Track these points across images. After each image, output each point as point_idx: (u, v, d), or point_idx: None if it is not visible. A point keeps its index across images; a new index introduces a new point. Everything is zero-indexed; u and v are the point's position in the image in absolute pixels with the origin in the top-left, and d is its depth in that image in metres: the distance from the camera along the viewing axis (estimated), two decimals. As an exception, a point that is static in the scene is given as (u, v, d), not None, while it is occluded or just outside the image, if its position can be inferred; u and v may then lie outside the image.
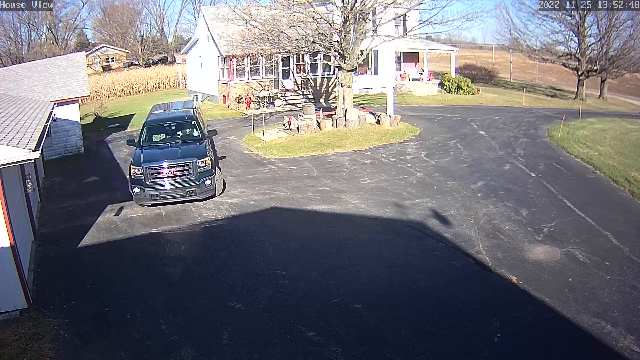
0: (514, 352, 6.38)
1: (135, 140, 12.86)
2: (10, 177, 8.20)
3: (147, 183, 11.34)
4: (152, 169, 11.42)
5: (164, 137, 13.06)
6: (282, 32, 18.70)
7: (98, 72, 46.87)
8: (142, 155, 11.94)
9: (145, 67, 48.95)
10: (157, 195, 11.33)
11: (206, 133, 13.44)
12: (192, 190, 11.46)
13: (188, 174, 11.50)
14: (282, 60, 26.32)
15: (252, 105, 25.38)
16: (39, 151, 7.25)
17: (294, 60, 26.66)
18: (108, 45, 54.07)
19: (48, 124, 10.12)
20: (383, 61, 29.83)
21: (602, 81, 35.40)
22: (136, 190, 11.36)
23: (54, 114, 12.37)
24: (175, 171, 11.50)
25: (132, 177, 11.51)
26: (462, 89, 30.94)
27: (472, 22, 41.57)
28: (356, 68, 20.84)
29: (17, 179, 9.47)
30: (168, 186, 11.43)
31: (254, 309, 7.37)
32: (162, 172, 11.45)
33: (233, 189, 12.79)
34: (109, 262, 9.00)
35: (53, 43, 51.15)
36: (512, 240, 9.52)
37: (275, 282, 8.15)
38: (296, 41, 19.11)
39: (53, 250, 9.52)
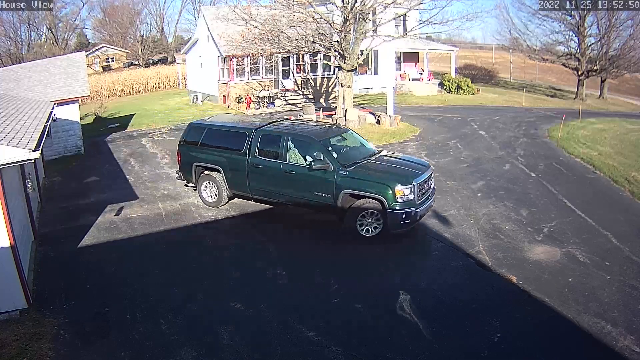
0: (514, 352, 6.38)
1: (316, 164, 9.62)
2: (10, 177, 8.20)
3: (418, 204, 9.29)
4: (420, 185, 9.34)
5: (342, 152, 10.36)
6: (282, 32, 18.71)
7: (98, 72, 46.89)
8: (366, 173, 9.54)
9: (145, 67, 48.98)
10: (421, 216, 9.56)
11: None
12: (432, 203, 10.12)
13: (432, 185, 10.24)
14: (282, 60, 26.33)
15: (252, 105, 25.39)
16: (39, 151, 7.23)
17: (294, 60, 26.67)
18: (108, 45, 54.08)
19: (48, 124, 10.10)
20: (383, 61, 29.85)
21: (602, 81, 35.42)
22: (407, 219, 9.07)
23: (54, 114, 12.35)
24: (429, 184, 9.96)
25: (402, 201, 9.04)
26: (462, 89, 30.97)
27: (472, 22, 41.70)
28: (356, 68, 20.85)
29: (17, 179, 9.47)
30: (427, 203, 9.69)
31: (254, 309, 7.37)
32: (425, 186, 9.64)
33: (233, 189, 12.78)
34: (109, 262, 9.00)
35: (53, 43, 51.17)
36: (512, 240, 9.52)
37: (276, 282, 8.16)
38: (296, 41, 19.11)
39: (53, 250, 9.50)
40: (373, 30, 20.96)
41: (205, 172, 11.34)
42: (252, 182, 10.63)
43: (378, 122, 20.04)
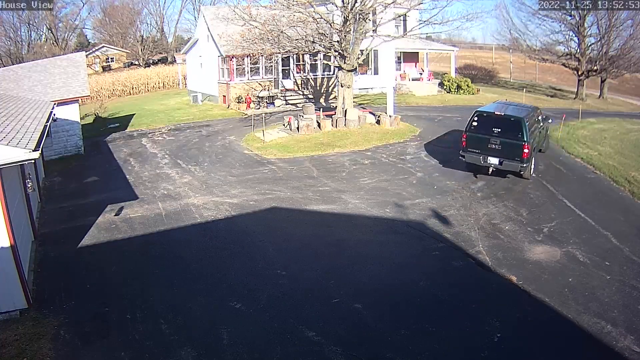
0: (514, 352, 6.38)
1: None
2: (10, 177, 8.20)
3: None
4: None
5: None
6: (282, 32, 18.69)
7: (98, 72, 46.84)
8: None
9: (145, 67, 48.91)
10: None
11: None
12: None
13: None
14: (282, 60, 26.31)
15: (252, 105, 25.37)
16: (39, 151, 7.25)
17: (294, 60, 26.66)
18: (108, 45, 54.01)
19: (48, 124, 10.10)
20: (383, 61, 29.81)
21: (602, 81, 35.35)
22: None
23: (54, 114, 12.34)
24: None
25: None
26: (462, 89, 30.92)
27: (472, 22, 41.28)
28: (356, 68, 20.83)
29: (17, 179, 9.47)
30: None
31: (254, 309, 7.38)
32: None
33: (233, 189, 12.79)
34: (109, 262, 9.00)
35: (53, 43, 51.08)
36: (512, 240, 9.53)
37: (276, 282, 8.16)
38: (296, 41, 19.10)
39: (53, 250, 9.51)
40: (373, 30, 20.94)
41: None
42: (541, 145, 15.03)
43: (378, 122, 20.03)
